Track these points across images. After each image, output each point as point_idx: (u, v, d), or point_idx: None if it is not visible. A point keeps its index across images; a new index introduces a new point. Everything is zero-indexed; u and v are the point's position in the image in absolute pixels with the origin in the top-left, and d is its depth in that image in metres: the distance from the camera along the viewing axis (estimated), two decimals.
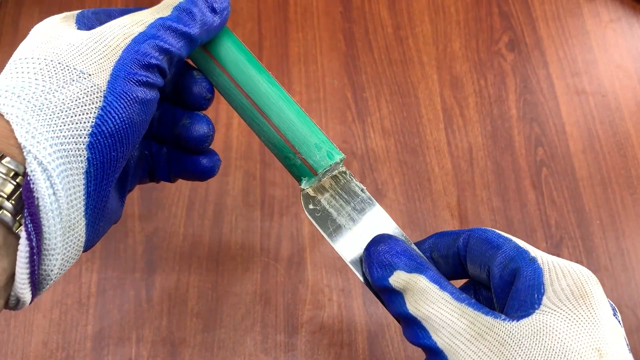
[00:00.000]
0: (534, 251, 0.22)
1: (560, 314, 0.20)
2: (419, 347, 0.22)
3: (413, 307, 0.22)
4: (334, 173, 0.27)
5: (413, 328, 0.22)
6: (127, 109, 0.21)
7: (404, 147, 0.44)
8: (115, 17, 0.24)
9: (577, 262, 0.40)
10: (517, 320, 0.20)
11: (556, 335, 0.19)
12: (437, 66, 0.47)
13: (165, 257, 0.40)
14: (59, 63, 0.21)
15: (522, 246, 0.22)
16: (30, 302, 0.21)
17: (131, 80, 0.21)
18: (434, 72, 0.47)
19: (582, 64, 0.48)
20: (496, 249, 0.23)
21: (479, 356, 0.20)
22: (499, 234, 0.24)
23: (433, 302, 0.21)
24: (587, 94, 0.46)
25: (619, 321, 0.21)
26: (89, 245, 0.23)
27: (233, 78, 0.26)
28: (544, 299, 0.20)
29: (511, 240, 0.23)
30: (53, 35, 0.22)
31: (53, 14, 0.24)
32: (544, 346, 0.19)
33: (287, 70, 0.47)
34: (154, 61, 0.22)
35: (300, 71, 0.47)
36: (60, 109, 0.20)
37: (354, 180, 0.27)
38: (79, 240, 0.21)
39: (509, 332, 0.20)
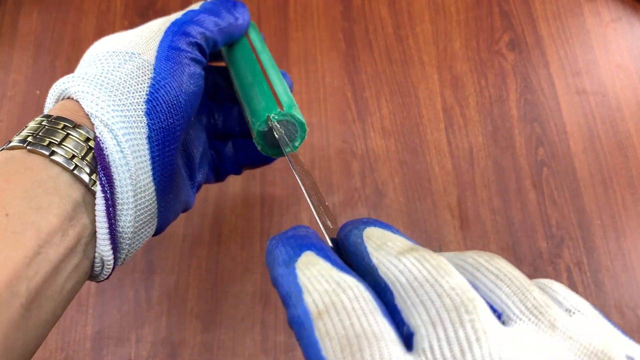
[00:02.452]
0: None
1: None
2: None
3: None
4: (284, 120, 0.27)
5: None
6: (176, 78, 0.24)
7: (404, 147, 0.44)
8: None
9: (577, 262, 0.41)
10: None
11: None
12: (438, 66, 0.47)
13: (165, 257, 0.40)
14: (114, 51, 0.24)
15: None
16: (113, 269, 0.23)
17: (174, 53, 0.25)
18: (434, 71, 0.47)
19: (583, 63, 0.47)
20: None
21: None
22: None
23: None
24: (588, 94, 0.46)
25: None
26: (162, 224, 0.26)
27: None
28: None
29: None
30: (107, 39, 0.27)
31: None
32: None
33: (287, 70, 0.47)
34: (192, 39, 0.26)
35: (300, 71, 0.47)
36: (118, 83, 0.23)
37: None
38: (150, 204, 0.24)
39: None
